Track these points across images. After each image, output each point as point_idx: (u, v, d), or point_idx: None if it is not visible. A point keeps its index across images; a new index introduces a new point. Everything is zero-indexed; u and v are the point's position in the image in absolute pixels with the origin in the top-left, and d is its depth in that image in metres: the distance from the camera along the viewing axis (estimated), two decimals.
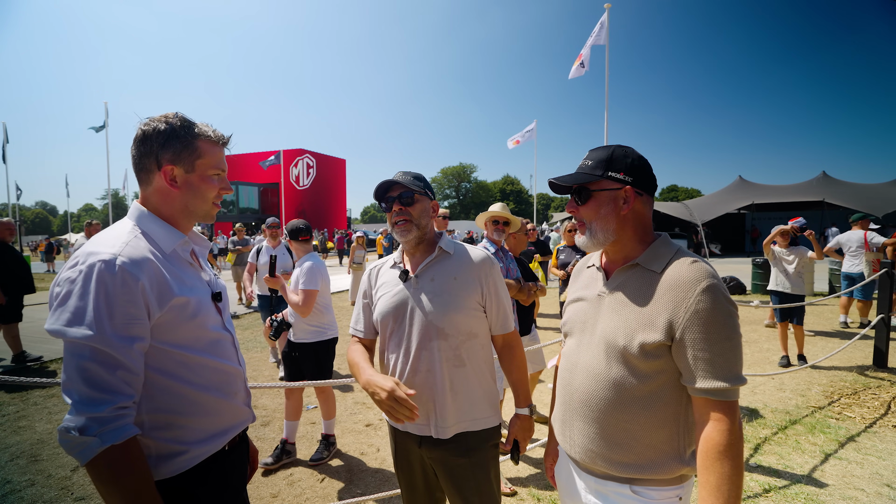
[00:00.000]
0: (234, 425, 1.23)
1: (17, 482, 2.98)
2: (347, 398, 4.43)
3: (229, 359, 1.22)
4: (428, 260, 1.53)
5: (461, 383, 1.47)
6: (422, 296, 1.49)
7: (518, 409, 1.61)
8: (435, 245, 1.56)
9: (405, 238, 1.52)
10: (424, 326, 1.46)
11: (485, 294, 1.52)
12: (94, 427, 0.93)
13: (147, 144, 1.12)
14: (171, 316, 1.06)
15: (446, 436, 1.46)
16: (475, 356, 1.51)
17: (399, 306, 1.50)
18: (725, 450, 0.97)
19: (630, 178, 1.15)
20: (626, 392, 1.10)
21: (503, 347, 1.61)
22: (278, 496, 2.84)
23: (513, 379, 1.62)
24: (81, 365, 0.95)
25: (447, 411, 1.45)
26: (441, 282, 1.50)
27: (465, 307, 1.48)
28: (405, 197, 1.51)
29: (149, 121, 1.14)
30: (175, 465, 1.08)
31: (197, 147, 1.15)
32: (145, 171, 1.14)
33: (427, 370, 1.46)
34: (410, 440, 1.52)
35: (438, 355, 1.45)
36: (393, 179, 1.53)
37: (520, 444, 1.59)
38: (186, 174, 1.15)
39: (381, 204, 1.56)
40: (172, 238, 1.14)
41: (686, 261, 1.08)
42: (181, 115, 1.16)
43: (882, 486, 2.78)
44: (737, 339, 1.02)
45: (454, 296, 1.48)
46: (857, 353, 5.61)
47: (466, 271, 1.52)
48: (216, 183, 1.20)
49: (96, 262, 0.97)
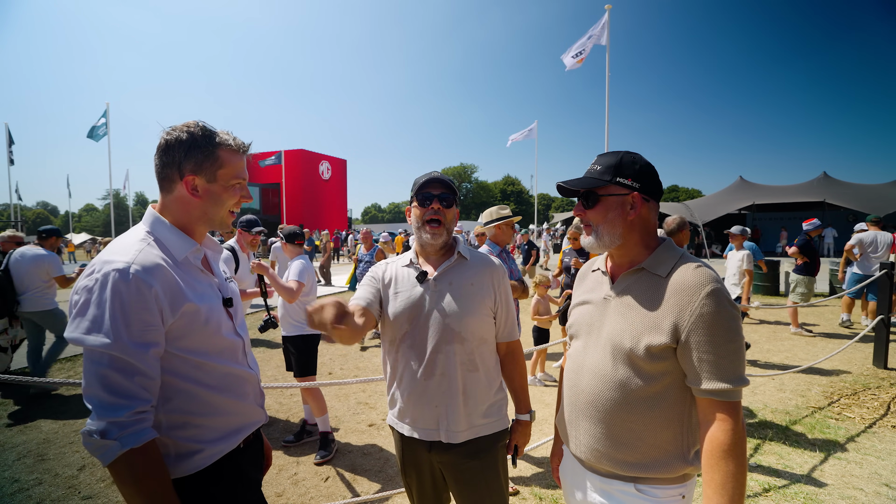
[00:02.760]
0: (248, 424, 1.26)
1: (24, 481, 3.00)
2: (350, 398, 4.46)
3: (240, 363, 1.25)
4: (447, 264, 1.51)
5: (474, 388, 1.47)
6: (439, 298, 1.47)
7: (519, 414, 1.63)
8: (453, 249, 1.55)
9: (435, 240, 1.49)
10: (441, 329, 1.44)
11: (497, 301, 1.53)
12: (114, 431, 0.97)
13: (169, 154, 1.14)
14: (184, 322, 1.09)
15: (457, 441, 1.45)
16: (486, 361, 1.52)
17: (415, 307, 1.48)
18: (730, 449, 1.00)
19: (637, 185, 1.17)
20: (632, 393, 1.12)
21: (506, 354, 1.61)
22: (283, 495, 2.87)
23: (514, 386, 1.63)
24: (100, 372, 0.98)
25: (459, 416, 1.45)
26: (459, 286, 1.49)
27: (480, 312, 1.48)
28: (445, 198, 1.49)
29: (171, 130, 1.15)
30: (193, 463, 1.11)
31: (218, 157, 1.16)
32: (167, 180, 1.16)
33: (441, 374, 1.45)
34: (419, 445, 1.51)
35: (454, 359, 1.44)
36: (437, 177, 1.49)
37: (519, 449, 1.62)
38: (208, 184, 1.16)
39: (416, 197, 1.50)
40: (185, 246, 1.16)
41: (690, 266, 1.11)
42: (202, 123, 1.17)
43: (881, 486, 2.80)
44: (739, 341, 1.05)
45: (472, 300, 1.48)
46: (857, 353, 5.63)
47: (482, 277, 1.52)
48: (237, 192, 1.22)
49: (111, 270, 1.00)
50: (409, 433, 1.51)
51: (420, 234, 1.51)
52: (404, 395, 1.50)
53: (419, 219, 1.50)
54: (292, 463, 3.26)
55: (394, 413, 1.56)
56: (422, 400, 1.46)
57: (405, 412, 1.51)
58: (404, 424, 1.52)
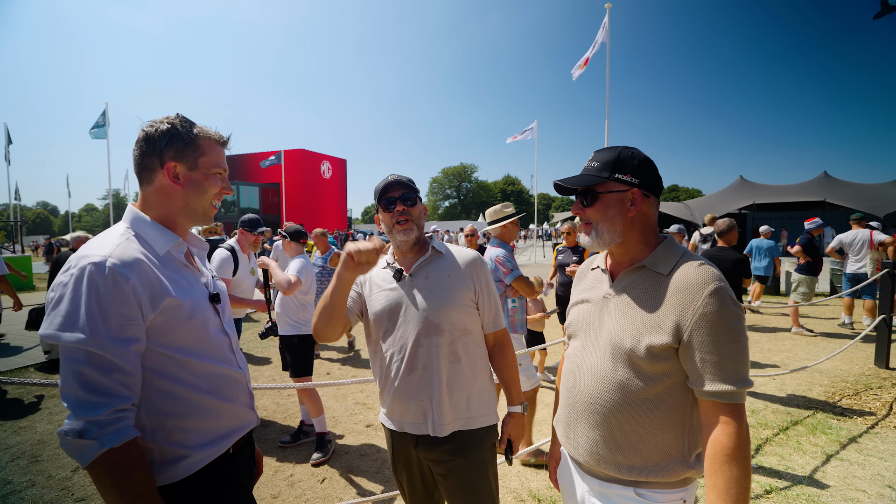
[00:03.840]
0: (238, 428, 1.22)
1: (17, 483, 2.97)
2: (348, 399, 4.43)
3: (228, 362, 1.21)
4: (422, 259, 1.54)
5: (457, 379, 1.48)
6: (416, 293, 1.50)
7: (511, 407, 1.62)
8: (427, 245, 1.58)
9: (407, 237, 1.52)
10: (420, 322, 1.46)
11: (477, 291, 1.55)
12: (92, 430, 0.92)
13: (150, 143, 1.13)
14: (166, 318, 1.05)
15: (443, 433, 1.46)
16: (470, 352, 1.52)
17: (394, 304, 1.51)
18: (733, 453, 0.96)
19: (637, 180, 1.14)
20: (632, 394, 1.09)
21: (494, 346, 1.63)
22: (279, 497, 2.84)
23: (504, 377, 1.63)
24: (77, 369, 0.94)
25: (444, 408, 1.46)
26: (435, 279, 1.52)
27: (459, 303, 1.50)
28: (408, 198, 1.52)
29: (151, 122, 1.15)
30: (178, 469, 1.07)
31: (199, 145, 1.16)
32: (147, 170, 1.14)
33: (423, 367, 1.46)
34: (407, 441, 1.52)
35: (435, 351, 1.46)
36: (395, 180, 1.54)
37: (513, 444, 1.60)
38: (189, 171, 1.15)
39: (379, 204, 1.55)
40: (166, 240, 1.14)
41: (693, 264, 1.08)
42: (182, 115, 1.18)
43: (884, 488, 2.77)
44: (743, 341, 1.02)
45: (449, 292, 1.50)
46: (859, 353, 5.60)
47: (459, 269, 1.54)
48: (218, 182, 1.20)
49: (87, 264, 0.97)
50: (399, 428, 1.53)
51: (393, 236, 1.54)
52: (390, 390, 1.51)
53: (388, 223, 1.54)
54: (288, 464, 3.23)
55: (384, 411, 1.58)
56: (406, 394, 1.48)
57: (393, 408, 1.52)
58: (393, 420, 1.54)
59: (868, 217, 7.10)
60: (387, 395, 1.53)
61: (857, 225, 6.97)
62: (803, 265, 6.84)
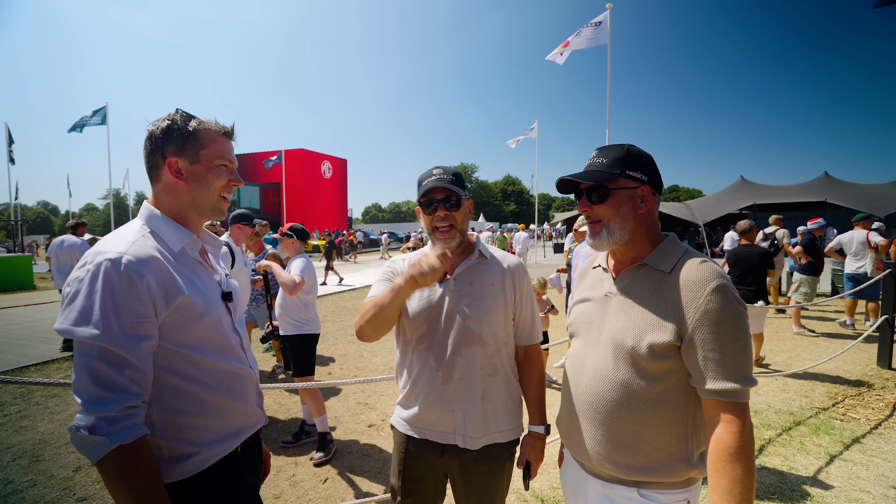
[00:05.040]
0: (246, 427, 1.22)
1: (18, 482, 2.97)
2: (349, 399, 4.42)
3: (239, 360, 1.21)
4: (466, 263, 1.45)
5: (493, 393, 1.42)
6: (460, 299, 1.41)
7: (533, 426, 1.50)
8: (472, 248, 1.49)
9: (450, 245, 1.43)
10: (461, 331, 1.38)
11: (517, 301, 1.47)
12: (103, 426, 0.93)
13: (153, 141, 1.14)
14: (179, 315, 1.06)
15: (475, 447, 1.40)
16: (505, 366, 1.46)
17: (434, 308, 1.42)
18: (737, 452, 0.96)
19: (646, 177, 1.14)
20: (634, 394, 1.08)
21: (524, 359, 1.53)
22: (281, 496, 2.83)
23: (530, 394, 1.53)
24: (90, 364, 0.95)
25: (477, 422, 1.39)
26: (479, 286, 1.43)
27: (502, 314, 1.43)
28: (451, 201, 1.41)
29: (155, 121, 1.16)
30: (187, 467, 1.06)
31: (199, 138, 1.15)
32: (154, 169, 1.15)
33: (460, 378, 1.39)
34: (431, 449, 1.44)
35: (473, 363, 1.39)
36: (439, 183, 1.41)
37: (532, 467, 1.48)
38: (191, 165, 1.15)
39: (421, 203, 1.46)
40: (181, 237, 1.14)
41: (695, 261, 1.07)
42: (181, 110, 1.18)
43: (888, 489, 2.76)
44: (746, 339, 1.01)
45: (493, 302, 1.42)
46: (861, 353, 5.58)
47: (503, 277, 1.46)
48: (224, 174, 1.19)
49: (103, 260, 0.98)
50: (420, 435, 1.44)
51: (433, 239, 1.46)
52: (420, 397, 1.43)
53: (429, 227, 1.46)
54: (290, 464, 3.22)
55: (405, 415, 1.48)
56: (439, 404, 1.40)
57: (421, 416, 1.44)
58: (417, 427, 1.45)
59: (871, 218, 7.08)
60: (414, 400, 1.45)
61: (858, 226, 6.97)
62: (805, 265, 6.82)
